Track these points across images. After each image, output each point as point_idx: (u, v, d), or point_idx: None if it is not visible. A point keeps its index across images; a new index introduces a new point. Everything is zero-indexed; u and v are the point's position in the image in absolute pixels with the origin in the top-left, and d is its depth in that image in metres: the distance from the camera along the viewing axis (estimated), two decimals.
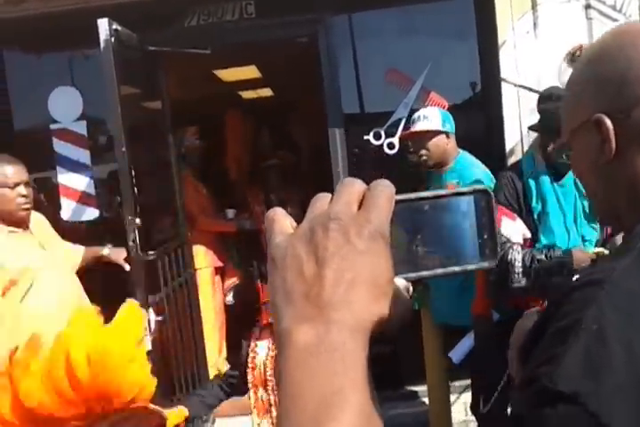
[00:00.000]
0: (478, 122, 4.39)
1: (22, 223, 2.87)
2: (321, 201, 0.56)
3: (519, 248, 2.84)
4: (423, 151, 3.42)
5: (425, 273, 0.57)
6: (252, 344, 2.37)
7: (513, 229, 2.92)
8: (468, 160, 3.48)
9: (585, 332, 0.72)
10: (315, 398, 0.48)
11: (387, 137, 4.18)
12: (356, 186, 0.55)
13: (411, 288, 0.60)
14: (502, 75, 4.01)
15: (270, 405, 2.40)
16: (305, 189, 5.30)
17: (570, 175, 2.93)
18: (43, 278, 2.78)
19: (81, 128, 4.14)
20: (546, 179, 2.92)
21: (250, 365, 2.29)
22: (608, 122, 0.90)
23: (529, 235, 2.93)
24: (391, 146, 4.18)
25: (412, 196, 0.57)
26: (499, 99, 4.07)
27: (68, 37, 4.09)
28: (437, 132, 3.40)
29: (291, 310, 0.52)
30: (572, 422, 0.70)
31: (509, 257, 2.80)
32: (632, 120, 0.88)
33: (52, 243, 3.00)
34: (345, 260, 0.51)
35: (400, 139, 4.04)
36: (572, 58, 3.81)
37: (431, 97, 4.16)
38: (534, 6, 4.03)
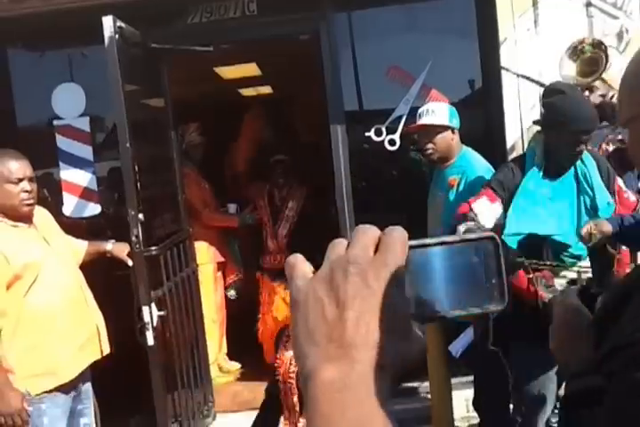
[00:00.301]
0: (479, 119, 4.42)
1: (26, 218, 2.88)
2: (339, 246, 0.59)
3: (470, 224, 2.84)
4: (429, 145, 3.44)
5: (435, 315, 0.60)
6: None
7: (487, 209, 2.95)
8: (471, 156, 3.50)
9: None
10: None
11: (388, 134, 4.20)
12: (372, 232, 0.58)
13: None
14: (503, 72, 4.03)
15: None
16: (307, 185, 5.33)
17: (570, 172, 2.95)
18: (46, 273, 2.80)
19: (84, 124, 4.17)
20: (536, 173, 2.95)
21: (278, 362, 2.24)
22: None
23: (502, 221, 2.95)
24: (392, 142, 4.20)
25: (425, 241, 0.60)
26: (500, 96, 4.09)
27: (71, 35, 4.12)
28: (444, 127, 3.43)
29: (314, 350, 0.55)
30: None
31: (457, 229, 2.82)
32: None
33: (55, 237, 3.01)
34: (365, 302, 0.54)
35: (406, 132, 4.04)
36: (575, 51, 3.82)
37: (432, 94, 4.19)
38: (535, 4, 4.06)
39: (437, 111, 3.46)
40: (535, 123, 3.32)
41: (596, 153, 3.20)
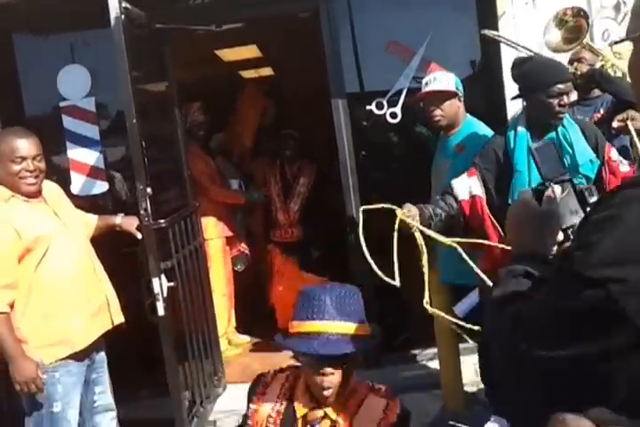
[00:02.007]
0: (479, 92, 4.47)
1: (31, 196, 2.94)
2: None
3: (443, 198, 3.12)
4: (437, 111, 3.51)
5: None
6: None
7: (462, 183, 3.13)
8: (476, 123, 3.58)
9: (623, 225, 0.80)
10: None
11: (389, 107, 4.27)
12: None
13: None
14: (502, 45, 4.08)
15: None
16: (317, 161, 5.42)
17: (552, 134, 3.03)
18: (57, 245, 2.87)
19: (89, 105, 4.24)
20: (522, 139, 3.02)
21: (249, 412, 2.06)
22: None
23: (476, 192, 3.09)
24: (393, 115, 4.27)
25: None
26: (499, 69, 4.15)
27: (75, 19, 4.17)
28: (452, 94, 3.49)
29: None
30: (595, 305, 0.80)
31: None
32: None
33: (65, 211, 3.08)
34: None
35: (414, 101, 4.06)
36: (560, 22, 3.86)
37: (432, 67, 4.25)
38: None
39: (444, 79, 3.53)
40: (513, 99, 3.40)
41: (582, 121, 3.28)
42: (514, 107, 4.10)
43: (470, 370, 3.96)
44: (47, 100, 4.52)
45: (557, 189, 1.27)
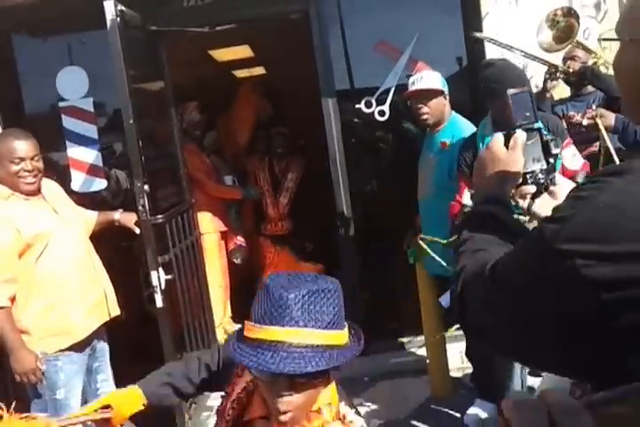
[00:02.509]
0: (464, 90, 4.61)
1: (30, 194, 3.06)
2: None
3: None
4: (425, 109, 3.62)
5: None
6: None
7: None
8: (460, 121, 3.71)
9: (592, 205, 0.87)
10: None
11: (377, 105, 4.40)
12: (537, 413, 0.48)
13: None
14: (486, 45, 4.22)
15: None
16: (304, 157, 5.57)
17: None
18: (56, 241, 3.00)
19: (88, 105, 4.37)
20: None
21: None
22: None
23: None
24: (382, 113, 4.40)
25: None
26: (480, 67, 4.27)
27: (73, 21, 4.29)
28: (438, 92, 3.62)
29: None
30: (562, 274, 0.86)
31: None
32: None
33: (64, 207, 3.20)
34: None
35: (402, 99, 4.20)
36: (552, 22, 4.00)
37: (419, 66, 4.37)
38: None
39: (430, 78, 3.66)
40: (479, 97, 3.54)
41: (546, 115, 3.44)
42: None
43: (456, 357, 4.12)
44: (46, 100, 4.66)
45: (523, 135, 1.32)
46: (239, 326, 5.14)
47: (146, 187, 3.44)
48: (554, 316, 0.90)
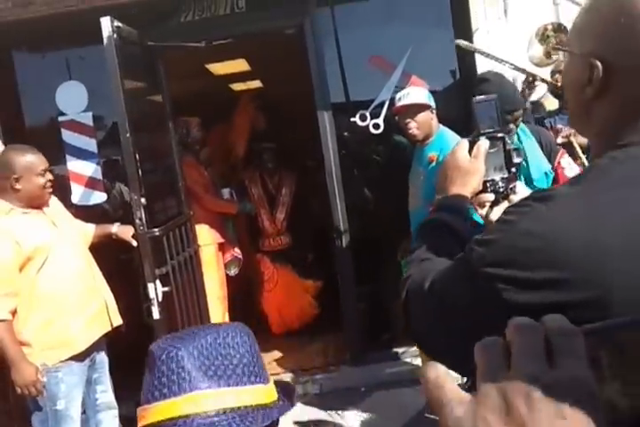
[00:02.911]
0: (457, 103, 4.68)
1: (44, 205, 3.14)
2: (496, 357, 0.47)
3: None
4: (412, 124, 3.68)
5: None
6: None
7: None
8: (448, 134, 3.76)
9: (516, 230, 0.88)
10: None
11: (372, 118, 4.47)
12: (538, 335, 0.47)
13: None
14: (477, 58, 4.30)
15: None
16: (296, 170, 5.64)
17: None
18: (56, 253, 3.05)
19: (87, 119, 4.45)
20: None
21: None
22: (600, 70, 0.93)
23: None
24: (376, 126, 4.47)
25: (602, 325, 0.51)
26: (475, 81, 4.35)
27: (72, 36, 4.38)
28: (425, 106, 3.68)
29: None
30: (485, 296, 0.88)
31: None
32: (619, 77, 0.93)
33: (62, 220, 3.25)
34: None
35: (391, 115, 4.29)
36: (542, 37, 4.07)
37: (412, 80, 4.46)
38: None
39: (416, 93, 3.73)
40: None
41: (540, 129, 3.51)
42: None
43: None
44: (46, 114, 4.74)
45: (486, 143, 1.32)
46: None
47: (143, 200, 3.50)
48: (478, 334, 0.89)
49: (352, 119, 4.51)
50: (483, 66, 4.28)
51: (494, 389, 0.45)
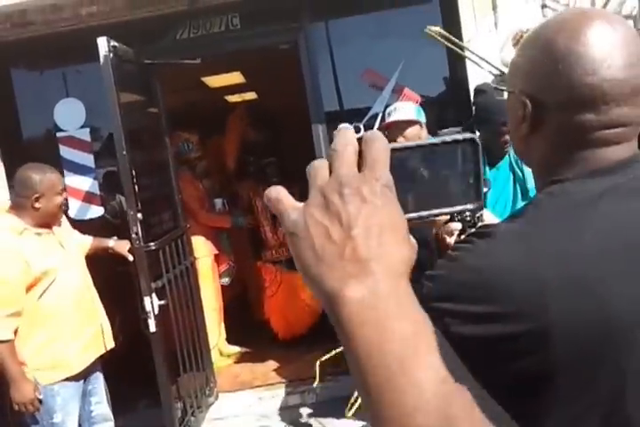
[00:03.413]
0: (449, 115, 4.74)
1: (56, 223, 3.20)
2: (321, 170, 0.57)
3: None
4: (401, 139, 3.71)
5: (419, 214, 0.62)
6: None
7: None
8: None
9: (460, 266, 0.92)
10: (396, 343, 0.50)
11: (366, 130, 4.52)
12: (352, 146, 0.56)
13: None
14: (468, 70, 4.36)
15: None
16: (297, 182, 5.68)
17: (505, 160, 3.30)
18: (62, 276, 3.08)
19: (84, 135, 4.53)
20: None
21: None
22: (529, 108, 0.99)
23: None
24: None
25: (404, 146, 0.61)
26: (467, 93, 4.41)
27: (69, 54, 4.48)
28: (413, 122, 3.67)
29: (329, 272, 0.52)
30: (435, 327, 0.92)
31: None
32: (548, 113, 0.98)
33: (69, 241, 3.29)
34: (368, 218, 0.53)
35: (380, 129, 4.38)
36: (519, 40, 4.12)
37: (405, 92, 4.51)
38: (494, 8, 4.37)
39: (404, 108, 3.76)
40: (469, 125, 3.67)
41: None
42: None
43: None
44: (45, 130, 4.81)
45: None
46: (234, 346, 5.28)
47: (139, 215, 3.57)
48: None
49: None
50: (475, 78, 4.33)
51: (317, 190, 0.55)
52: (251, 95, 7.64)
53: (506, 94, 1.10)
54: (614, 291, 0.85)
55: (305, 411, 4.35)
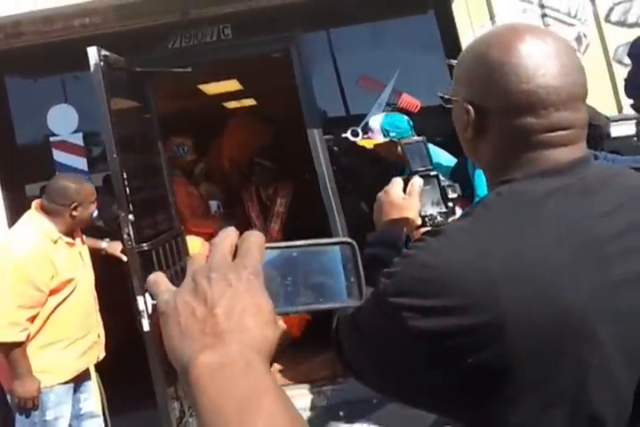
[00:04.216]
0: (448, 121, 4.78)
1: (81, 231, 3.33)
2: (198, 258, 0.63)
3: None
4: (382, 154, 3.75)
5: (296, 309, 0.64)
6: None
7: None
8: (436, 152, 3.76)
9: (414, 262, 0.96)
10: (231, 405, 0.53)
11: (364, 134, 4.57)
12: (229, 239, 0.63)
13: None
14: None
15: None
16: (293, 182, 5.72)
17: None
18: (78, 287, 3.17)
19: (78, 140, 4.60)
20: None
21: None
22: (472, 113, 1.04)
23: None
24: None
25: (282, 244, 0.65)
26: None
27: (62, 62, 4.54)
28: (382, 144, 3.68)
29: (188, 345, 0.57)
30: (393, 325, 0.94)
31: None
32: (491, 118, 1.03)
33: (86, 251, 3.38)
34: (231, 299, 0.58)
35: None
36: None
37: (403, 97, 4.56)
38: (492, 17, 4.37)
39: (371, 130, 3.74)
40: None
41: None
42: None
43: None
44: (38, 135, 4.86)
45: (419, 180, 1.37)
46: None
47: (130, 216, 3.62)
48: (392, 362, 0.97)
49: (343, 135, 4.61)
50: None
51: (190, 275, 0.61)
52: (249, 102, 7.71)
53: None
54: (567, 284, 0.88)
55: (313, 414, 4.27)
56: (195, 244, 4.92)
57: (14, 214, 4.17)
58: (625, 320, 0.89)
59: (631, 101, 2.67)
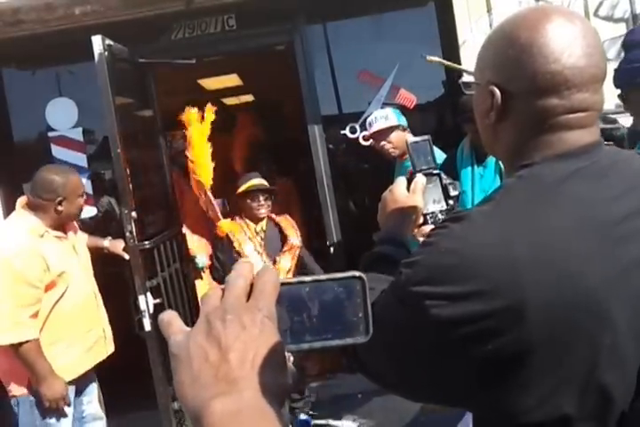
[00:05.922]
0: (446, 116, 4.74)
1: (71, 225, 3.21)
2: (213, 298, 0.62)
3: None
4: (388, 145, 3.84)
5: (304, 347, 0.65)
6: None
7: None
8: None
9: (437, 250, 0.95)
10: None
11: (361, 131, 4.54)
12: (243, 280, 0.62)
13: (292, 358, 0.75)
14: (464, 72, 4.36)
15: None
16: (291, 180, 5.67)
17: (492, 157, 3.31)
18: (75, 282, 3.08)
19: (77, 135, 4.48)
20: (467, 161, 3.39)
21: None
22: (498, 96, 1.03)
23: None
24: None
25: (294, 280, 0.65)
26: (460, 93, 4.41)
27: (62, 54, 4.43)
28: (394, 127, 3.83)
29: (201, 391, 0.57)
30: (415, 314, 0.92)
31: None
32: (515, 101, 1.03)
33: (81, 245, 3.28)
34: (245, 343, 0.58)
35: (364, 140, 4.42)
36: None
37: (401, 93, 4.54)
38: (489, 10, 4.37)
39: (382, 117, 3.88)
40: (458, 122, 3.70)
41: None
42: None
43: None
44: (36, 130, 4.76)
45: (422, 179, 1.39)
46: None
47: (133, 214, 3.54)
48: (416, 352, 0.96)
49: (342, 131, 4.58)
50: (470, 79, 4.32)
51: (204, 316, 0.60)
52: (248, 97, 7.64)
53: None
54: (586, 267, 0.89)
55: (305, 410, 4.27)
56: (193, 241, 4.84)
57: (12, 211, 4.05)
58: (636, 300, 0.90)
59: (618, 91, 2.74)
